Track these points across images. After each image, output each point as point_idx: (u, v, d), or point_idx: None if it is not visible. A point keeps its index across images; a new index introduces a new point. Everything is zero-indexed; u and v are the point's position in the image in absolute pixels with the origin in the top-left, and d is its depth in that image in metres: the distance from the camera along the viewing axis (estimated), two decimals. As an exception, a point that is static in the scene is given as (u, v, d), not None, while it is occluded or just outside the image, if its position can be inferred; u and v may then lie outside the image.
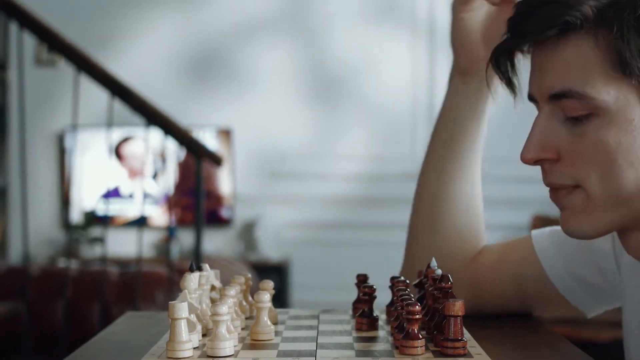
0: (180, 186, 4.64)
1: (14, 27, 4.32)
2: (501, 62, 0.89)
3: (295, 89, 4.72)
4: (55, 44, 2.53)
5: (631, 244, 0.89)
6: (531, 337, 0.97)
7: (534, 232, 1.12)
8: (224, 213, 4.70)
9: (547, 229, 1.10)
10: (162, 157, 4.56)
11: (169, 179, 3.78)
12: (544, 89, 0.85)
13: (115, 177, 4.68)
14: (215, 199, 4.69)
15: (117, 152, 4.69)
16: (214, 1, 4.73)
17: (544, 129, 0.85)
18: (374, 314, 0.88)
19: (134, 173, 4.73)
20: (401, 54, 4.70)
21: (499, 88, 0.96)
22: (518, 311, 1.10)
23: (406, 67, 4.70)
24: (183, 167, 4.60)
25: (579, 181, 0.84)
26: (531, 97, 0.89)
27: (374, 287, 0.87)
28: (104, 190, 4.62)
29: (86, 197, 4.71)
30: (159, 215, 4.70)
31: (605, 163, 0.82)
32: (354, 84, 4.71)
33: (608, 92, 0.81)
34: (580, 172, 0.84)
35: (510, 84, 0.90)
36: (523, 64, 0.91)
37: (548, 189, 0.89)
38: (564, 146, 0.85)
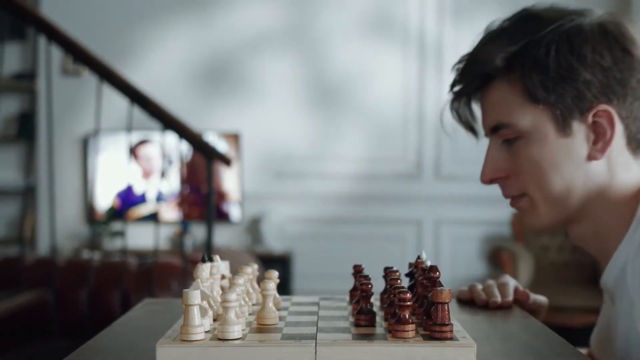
0: (188, 183, 4.64)
1: (42, 41, 4.33)
2: (461, 113, 1.05)
3: (298, 96, 4.72)
4: (79, 56, 2.53)
5: (574, 234, 1.02)
6: (512, 324, 0.97)
7: None
8: (233, 210, 4.70)
9: None
10: (173, 158, 4.56)
11: (180, 178, 3.78)
12: (486, 126, 1.02)
13: (133, 177, 4.68)
14: (220, 196, 4.69)
15: (134, 153, 4.69)
16: (225, 17, 4.73)
17: (493, 157, 1.01)
18: (373, 310, 0.82)
19: (147, 173, 4.73)
20: (394, 65, 4.69)
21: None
22: None
23: (398, 77, 4.69)
24: (190, 166, 4.58)
25: (524, 190, 0.99)
26: (486, 134, 1.04)
27: (371, 284, 0.85)
28: (122, 188, 4.63)
29: (108, 195, 4.71)
30: (170, 211, 4.69)
31: (536, 172, 0.97)
32: (351, 92, 4.71)
33: (525, 118, 0.96)
34: (523, 183, 0.99)
35: (471, 129, 1.08)
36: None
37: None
38: (508, 167, 1.00)
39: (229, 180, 4.70)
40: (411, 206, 4.68)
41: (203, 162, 2.87)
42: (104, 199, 4.70)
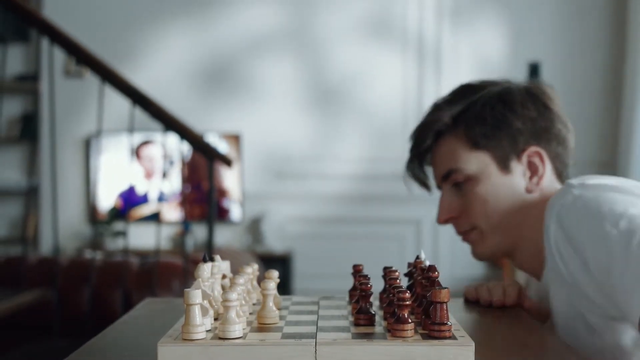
0: (189, 181, 4.64)
1: (45, 42, 4.32)
2: (417, 174, 1.24)
3: (298, 97, 4.72)
4: (82, 57, 2.53)
5: (516, 262, 1.19)
6: (512, 323, 0.97)
7: None
8: (233, 208, 4.70)
9: None
10: (175, 159, 4.56)
11: (181, 178, 3.78)
12: (438, 175, 1.21)
13: (134, 177, 4.68)
14: (220, 193, 4.69)
15: (136, 154, 4.69)
16: (225, 19, 4.73)
17: (446, 201, 1.19)
18: (372, 311, 0.81)
19: (149, 173, 4.73)
20: (393, 66, 4.70)
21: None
22: None
23: (397, 78, 4.70)
24: (191, 164, 4.57)
25: (473, 224, 1.17)
26: (438, 186, 1.23)
27: (370, 284, 0.84)
28: (124, 189, 4.63)
29: (110, 195, 4.71)
30: (171, 211, 4.70)
31: (483, 207, 1.15)
32: (350, 93, 4.71)
33: (472, 163, 1.15)
34: (472, 219, 1.17)
35: (424, 185, 1.26)
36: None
37: None
38: (459, 207, 1.18)
39: (230, 180, 4.70)
40: (410, 206, 4.68)
41: (203, 159, 2.87)
42: (106, 199, 4.70)
